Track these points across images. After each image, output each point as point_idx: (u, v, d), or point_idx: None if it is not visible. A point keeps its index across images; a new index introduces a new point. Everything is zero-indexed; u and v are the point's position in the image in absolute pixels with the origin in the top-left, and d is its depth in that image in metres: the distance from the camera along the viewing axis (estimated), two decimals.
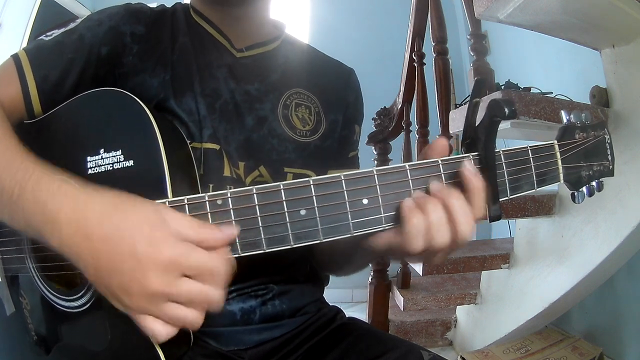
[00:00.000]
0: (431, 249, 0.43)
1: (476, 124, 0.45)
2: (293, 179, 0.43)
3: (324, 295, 0.75)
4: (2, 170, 0.45)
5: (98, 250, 0.38)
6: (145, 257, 0.37)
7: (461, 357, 1.57)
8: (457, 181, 0.44)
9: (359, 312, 2.33)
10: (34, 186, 0.42)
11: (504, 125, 1.31)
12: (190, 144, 0.59)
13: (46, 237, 0.42)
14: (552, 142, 0.48)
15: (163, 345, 0.48)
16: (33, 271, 0.57)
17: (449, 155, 0.45)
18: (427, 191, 0.44)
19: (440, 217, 0.42)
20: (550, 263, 1.46)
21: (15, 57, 0.58)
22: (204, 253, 0.39)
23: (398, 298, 1.80)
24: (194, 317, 0.40)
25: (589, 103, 1.37)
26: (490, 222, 0.43)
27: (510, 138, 1.64)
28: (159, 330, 0.39)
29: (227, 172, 0.61)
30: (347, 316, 0.74)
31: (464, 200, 0.43)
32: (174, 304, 0.39)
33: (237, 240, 0.41)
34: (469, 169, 0.44)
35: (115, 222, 0.38)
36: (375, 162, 2.05)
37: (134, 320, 0.40)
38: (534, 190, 0.46)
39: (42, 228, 0.42)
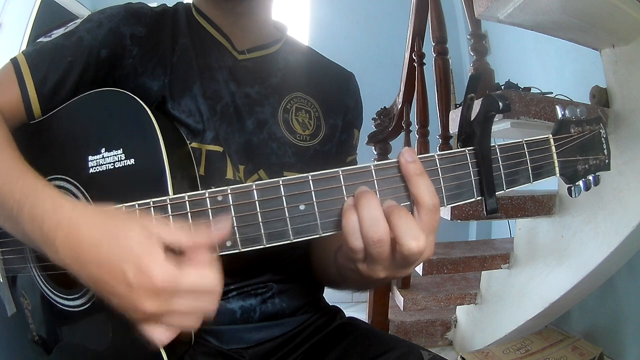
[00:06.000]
0: (369, 249, 0.41)
1: (471, 119, 0.45)
2: None
3: (324, 295, 0.75)
4: (0, 186, 0.46)
5: (94, 274, 0.40)
6: (136, 283, 0.38)
7: (461, 357, 1.57)
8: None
9: (359, 312, 2.32)
10: (31, 207, 0.43)
11: (504, 124, 1.31)
12: (190, 144, 0.59)
13: (46, 254, 0.43)
14: (547, 136, 0.48)
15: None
16: (34, 271, 0.57)
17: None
18: None
19: (374, 214, 0.40)
20: (550, 263, 1.46)
21: (14, 61, 0.58)
22: (194, 274, 0.39)
23: (398, 298, 1.80)
24: (191, 324, 0.42)
25: (589, 103, 1.37)
26: (487, 215, 0.43)
27: (510, 138, 1.63)
28: (158, 336, 0.41)
29: (229, 175, 0.61)
30: (347, 316, 0.74)
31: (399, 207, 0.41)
32: (171, 315, 0.40)
33: (237, 236, 0.42)
34: (405, 155, 0.42)
35: (106, 247, 0.39)
36: (375, 162, 2.05)
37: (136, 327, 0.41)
38: (530, 183, 0.46)
39: (41, 246, 0.43)
